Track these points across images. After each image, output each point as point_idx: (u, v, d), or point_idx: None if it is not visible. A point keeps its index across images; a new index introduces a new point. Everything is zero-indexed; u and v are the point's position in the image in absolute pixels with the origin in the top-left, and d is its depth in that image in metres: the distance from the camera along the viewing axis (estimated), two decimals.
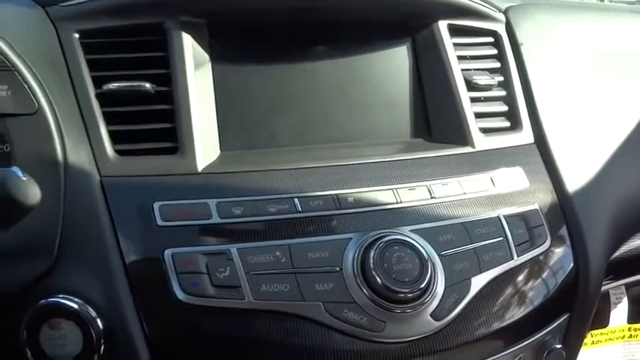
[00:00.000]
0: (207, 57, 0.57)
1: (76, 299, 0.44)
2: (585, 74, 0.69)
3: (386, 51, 0.63)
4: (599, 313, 0.81)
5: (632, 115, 0.69)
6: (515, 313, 0.54)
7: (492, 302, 0.52)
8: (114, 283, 0.45)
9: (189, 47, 0.55)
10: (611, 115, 0.68)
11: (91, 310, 0.44)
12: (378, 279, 0.47)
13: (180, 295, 0.45)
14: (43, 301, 0.44)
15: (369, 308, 0.47)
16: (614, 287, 0.80)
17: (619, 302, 0.84)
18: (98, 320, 0.44)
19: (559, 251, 0.58)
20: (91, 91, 0.52)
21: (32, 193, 0.40)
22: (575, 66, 0.69)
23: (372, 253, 0.48)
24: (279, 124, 0.59)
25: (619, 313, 0.85)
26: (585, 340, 0.79)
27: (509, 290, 0.54)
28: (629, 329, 0.85)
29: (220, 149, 0.56)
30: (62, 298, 0.44)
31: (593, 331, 0.83)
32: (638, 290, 0.84)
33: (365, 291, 0.47)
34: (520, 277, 0.55)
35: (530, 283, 0.55)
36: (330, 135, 0.60)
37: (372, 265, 0.47)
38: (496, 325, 0.52)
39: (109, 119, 0.52)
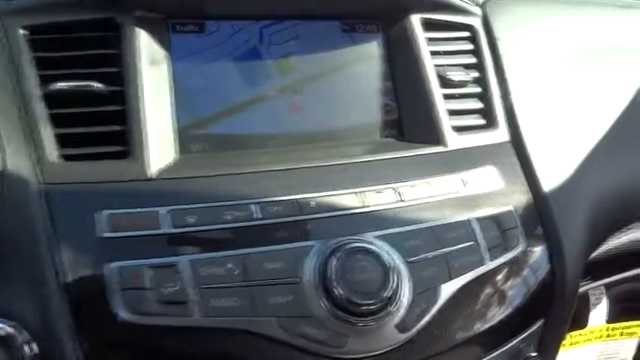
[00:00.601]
0: (165, 54, 0.54)
1: (7, 321, 0.41)
2: (564, 70, 0.67)
3: (357, 46, 0.61)
4: (578, 315, 0.80)
5: (610, 112, 0.67)
6: (488, 321, 0.52)
7: (463, 310, 0.50)
8: (50, 303, 0.42)
9: (144, 44, 0.52)
10: (590, 113, 0.66)
11: (24, 333, 0.41)
12: (338, 290, 0.44)
13: (122, 313, 0.42)
14: None
15: (329, 322, 0.45)
16: (594, 288, 0.78)
17: (598, 303, 0.82)
18: (32, 345, 0.41)
19: (534, 254, 0.56)
20: (37, 90, 0.49)
21: None
22: (554, 62, 0.67)
23: (333, 262, 0.45)
24: (243, 124, 0.56)
25: (598, 313, 0.83)
26: (563, 342, 0.78)
27: (480, 297, 0.52)
28: (607, 329, 0.84)
29: (180, 152, 0.53)
30: None
31: (571, 333, 0.82)
32: (618, 290, 0.83)
33: (324, 304, 0.45)
34: (492, 283, 0.53)
35: (503, 289, 0.53)
36: (297, 135, 0.57)
37: (332, 276, 0.45)
38: (467, 335, 0.51)
39: (55, 121, 0.49)
